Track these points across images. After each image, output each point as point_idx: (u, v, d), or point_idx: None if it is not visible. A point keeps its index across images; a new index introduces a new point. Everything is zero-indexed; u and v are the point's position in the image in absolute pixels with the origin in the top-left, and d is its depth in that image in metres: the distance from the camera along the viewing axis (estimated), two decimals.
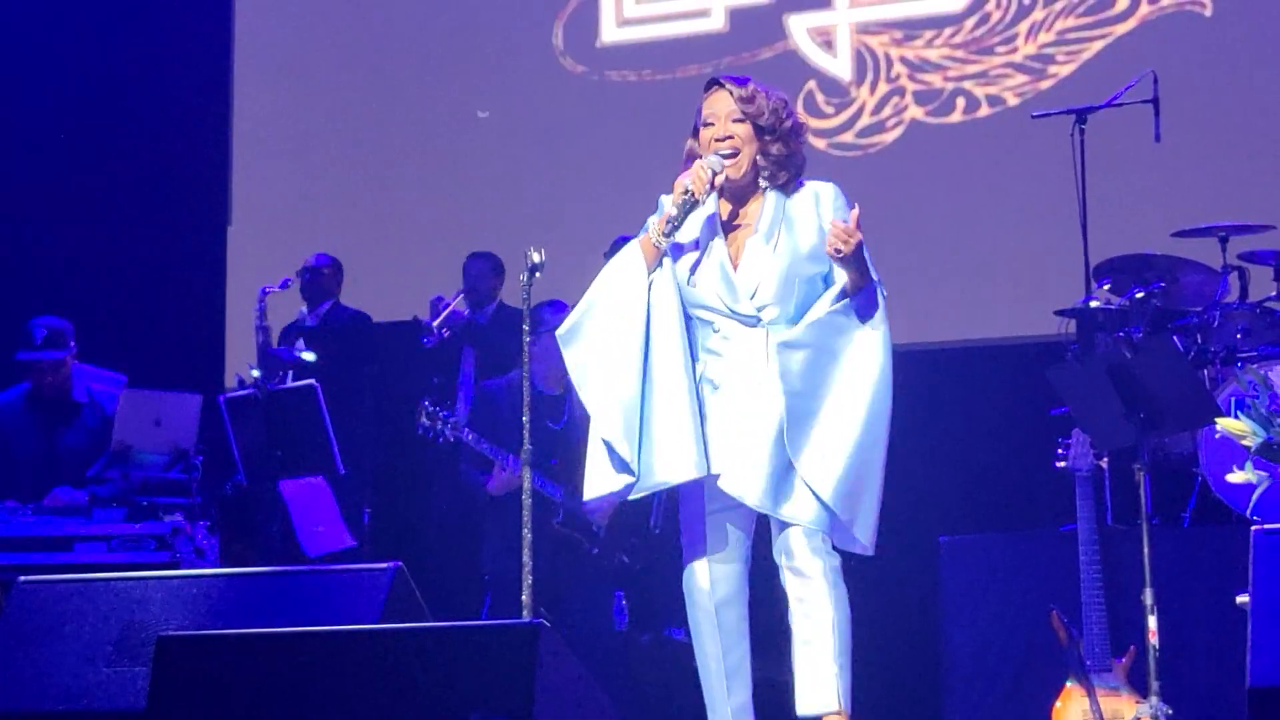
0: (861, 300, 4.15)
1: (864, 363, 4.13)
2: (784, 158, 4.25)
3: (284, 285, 8.07)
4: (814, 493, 4.06)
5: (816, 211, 4.22)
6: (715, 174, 4.18)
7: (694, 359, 4.22)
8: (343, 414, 7.01)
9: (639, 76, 8.67)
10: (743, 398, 4.14)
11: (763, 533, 4.29)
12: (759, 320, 4.18)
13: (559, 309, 6.71)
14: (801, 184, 4.29)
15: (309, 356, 7.57)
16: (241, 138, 9.43)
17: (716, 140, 4.23)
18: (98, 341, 7.84)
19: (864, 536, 4.14)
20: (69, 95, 9.56)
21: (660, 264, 4.20)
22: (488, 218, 8.72)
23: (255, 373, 7.25)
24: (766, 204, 4.24)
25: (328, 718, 3.46)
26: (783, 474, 4.08)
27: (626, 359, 4.13)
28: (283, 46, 9.45)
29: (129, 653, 4.20)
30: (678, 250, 4.23)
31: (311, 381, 6.94)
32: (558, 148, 8.70)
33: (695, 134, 4.31)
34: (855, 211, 4.13)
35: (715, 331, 4.20)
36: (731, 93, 4.25)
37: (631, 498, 4.19)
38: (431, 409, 6.49)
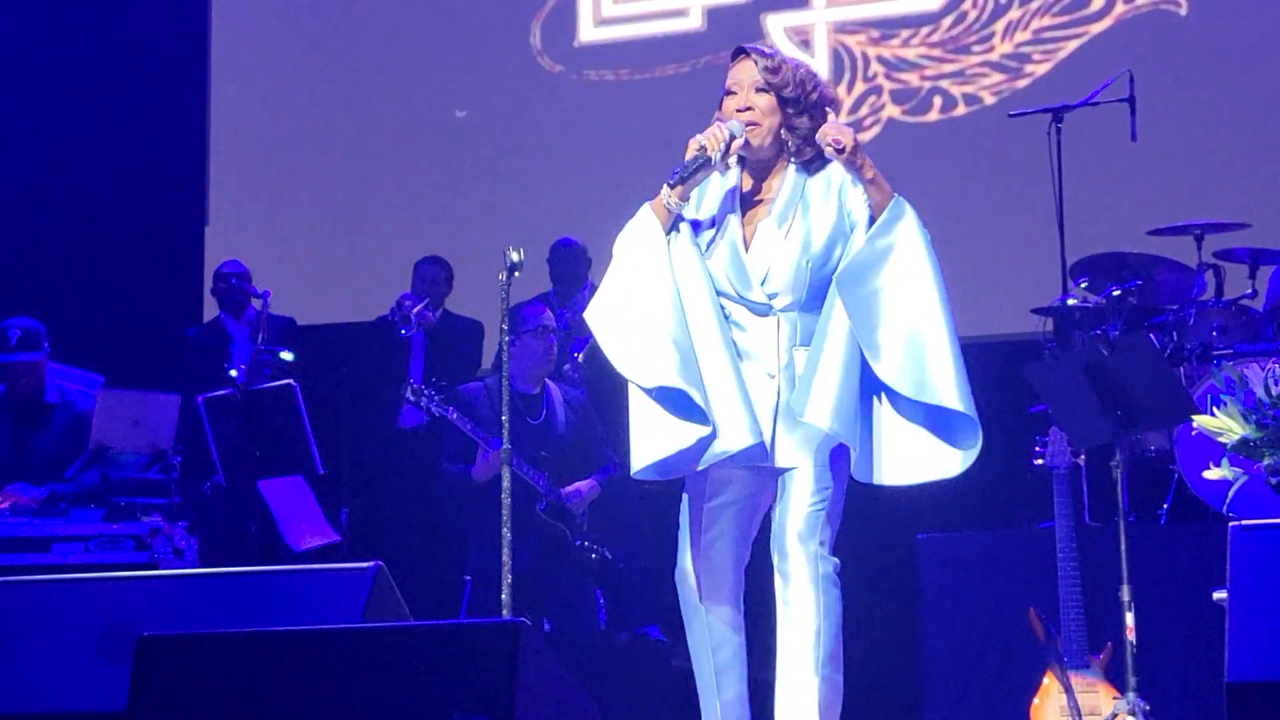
0: (891, 216, 4.03)
1: (916, 273, 4.04)
2: (810, 131, 4.06)
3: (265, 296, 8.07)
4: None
5: (835, 193, 4.08)
6: (734, 138, 4.02)
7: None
8: (322, 414, 7.00)
9: (617, 76, 8.67)
10: (751, 389, 4.00)
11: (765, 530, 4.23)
12: (770, 308, 4.06)
13: (536, 310, 6.72)
14: (826, 163, 4.10)
15: (287, 356, 7.56)
16: (218, 138, 9.41)
17: (738, 111, 4.07)
18: (75, 342, 7.82)
19: (969, 408, 4.02)
20: (44, 96, 9.53)
21: (677, 228, 4.05)
22: (466, 217, 8.72)
23: (233, 372, 7.24)
24: (785, 183, 4.10)
25: (309, 718, 3.45)
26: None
27: (667, 311, 3.95)
28: (260, 46, 9.44)
29: (109, 653, 4.18)
30: (697, 227, 4.09)
31: (289, 381, 6.93)
32: (536, 147, 8.71)
33: (720, 104, 4.14)
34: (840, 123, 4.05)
35: (727, 318, 4.06)
36: (756, 62, 4.09)
37: (699, 469, 3.98)
38: (416, 387, 6.50)
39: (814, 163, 4.11)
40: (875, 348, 3.97)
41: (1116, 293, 6.39)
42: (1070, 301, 6.47)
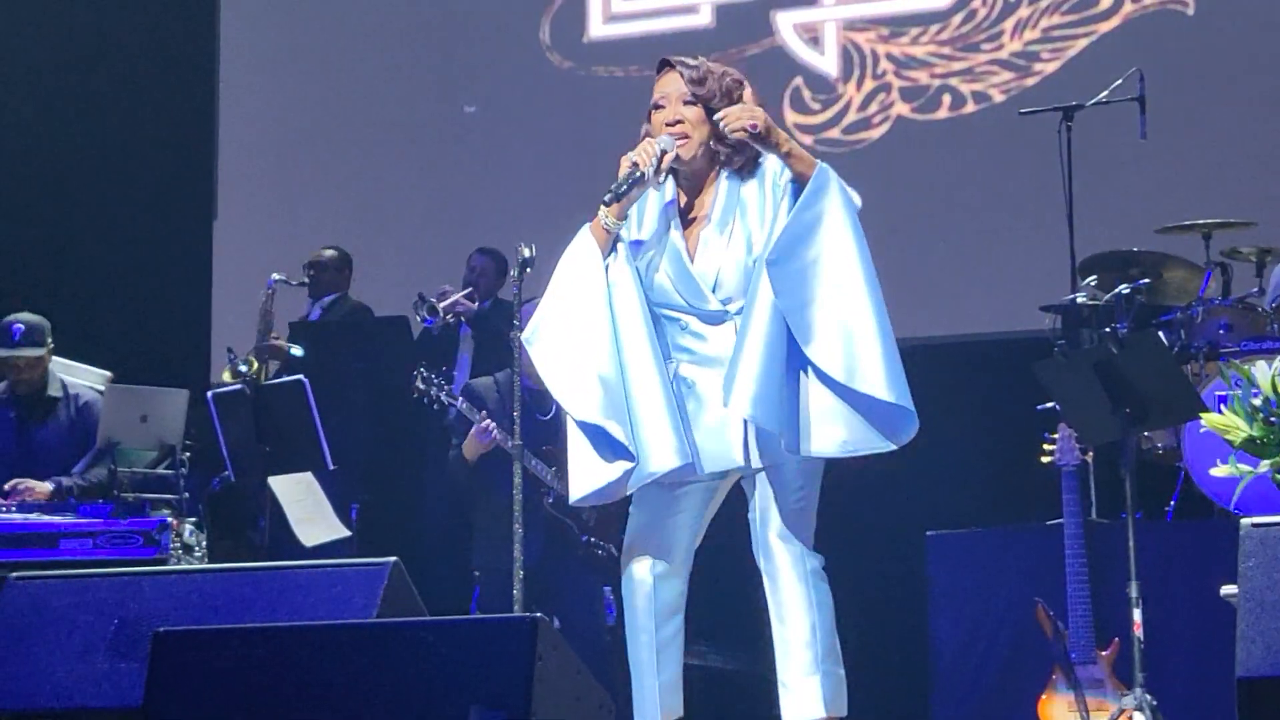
0: (815, 187, 3.96)
1: (841, 249, 3.95)
2: (739, 141, 4.03)
3: (270, 285, 8.09)
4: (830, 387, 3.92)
5: (769, 191, 4.06)
6: (665, 152, 4.01)
7: (665, 356, 4.07)
8: (333, 409, 7.01)
9: (626, 72, 8.68)
10: (717, 396, 4.00)
11: (731, 527, 4.24)
12: (726, 314, 4.05)
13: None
14: (759, 164, 4.09)
15: (297, 351, 7.57)
16: (227, 132, 9.43)
17: (667, 125, 4.06)
18: (83, 337, 7.84)
19: (904, 399, 3.95)
20: (53, 91, 9.55)
21: (614, 250, 4.04)
22: (475, 213, 8.73)
23: (242, 366, 7.25)
24: (719, 190, 4.08)
25: (326, 713, 3.47)
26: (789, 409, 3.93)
27: (597, 344, 3.97)
28: (268, 41, 9.45)
29: (125, 649, 4.19)
30: (637, 246, 4.08)
31: (300, 377, 6.93)
32: (545, 143, 8.72)
33: (649, 116, 4.14)
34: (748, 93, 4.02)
35: (684, 329, 4.07)
36: (682, 74, 4.07)
37: (627, 493, 4.02)
38: (426, 374, 6.50)
39: (745, 169, 4.10)
40: (805, 329, 3.92)
41: (1125, 290, 6.40)
42: (1079, 299, 6.48)
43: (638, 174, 3.99)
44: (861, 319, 3.95)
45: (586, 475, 4.00)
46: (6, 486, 6.80)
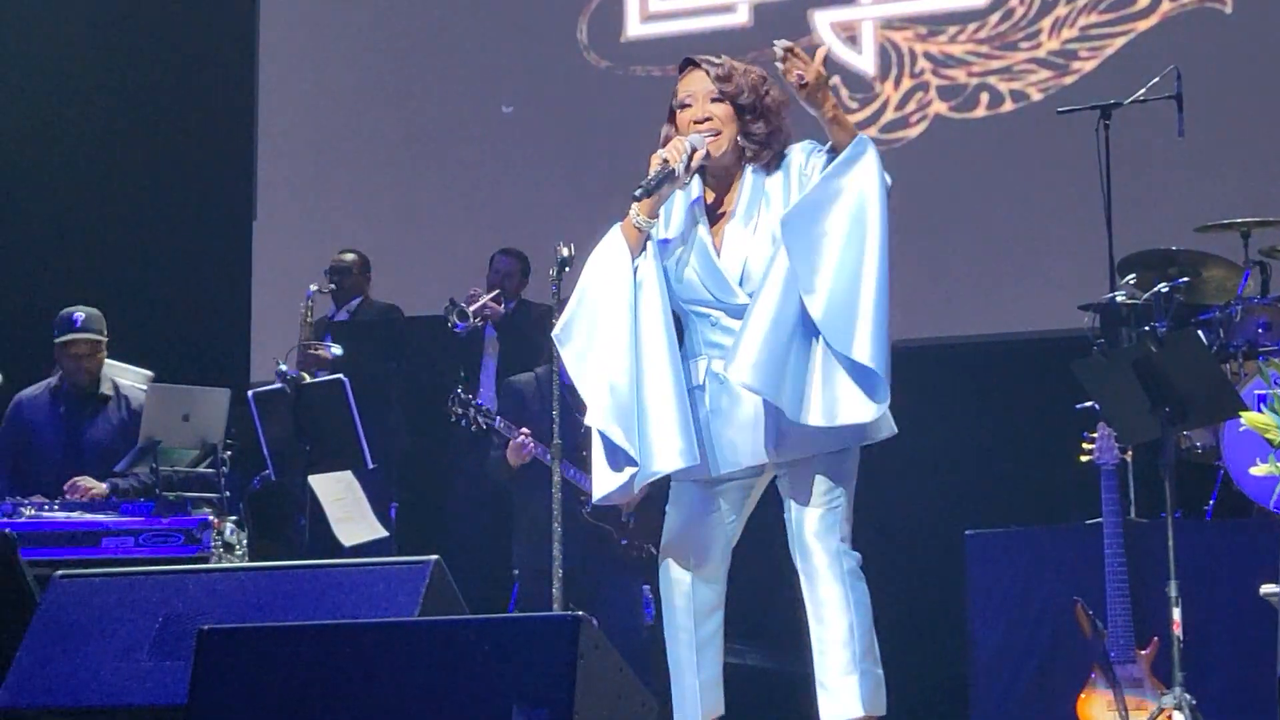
0: (851, 154, 3.96)
1: (865, 219, 3.95)
2: (767, 135, 4.08)
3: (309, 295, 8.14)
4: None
5: (795, 181, 4.08)
6: (695, 150, 4.03)
7: (696, 353, 4.10)
8: (369, 409, 7.04)
9: (663, 71, 8.68)
10: (748, 391, 4.00)
11: (768, 526, 4.25)
12: None
13: None
14: (785, 160, 4.11)
15: (336, 350, 7.61)
16: (266, 133, 9.47)
17: (695, 122, 4.07)
18: (125, 337, 7.88)
19: (879, 365, 3.91)
20: (95, 92, 9.62)
21: (644, 249, 4.06)
22: (513, 213, 8.76)
23: (283, 365, 7.28)
24: (744, 184, 4.10)
25: (369, 710, 3.48)
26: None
27: (615, 348, 4.00)
28: (307, 42, 9.50)
29: (169, 647, 4.21)
30: (666, 245, 4.09)
31: (340, 376, 6.96)
32: (582, 142, 8.74)
33: (671, 118, 4.15)
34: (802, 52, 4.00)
35: (714, 325, 4.08)
36: (708, 72, 4.09)
37: (636, 490, 4.05)
38: (463, 397, 6.54)
39: (771, 164, 4.11)
40: (811, 288, 3.92)
41: (1164, 289, 6.38)
42: (1118, 298, 6.46)
43: (668, 170, 4.00)
44: (865, 285, 3.93)
45: (603, 476, 4.06)
46: (66, 487, 6.85)
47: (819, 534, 4.02)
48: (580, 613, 3.35)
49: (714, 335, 4.09)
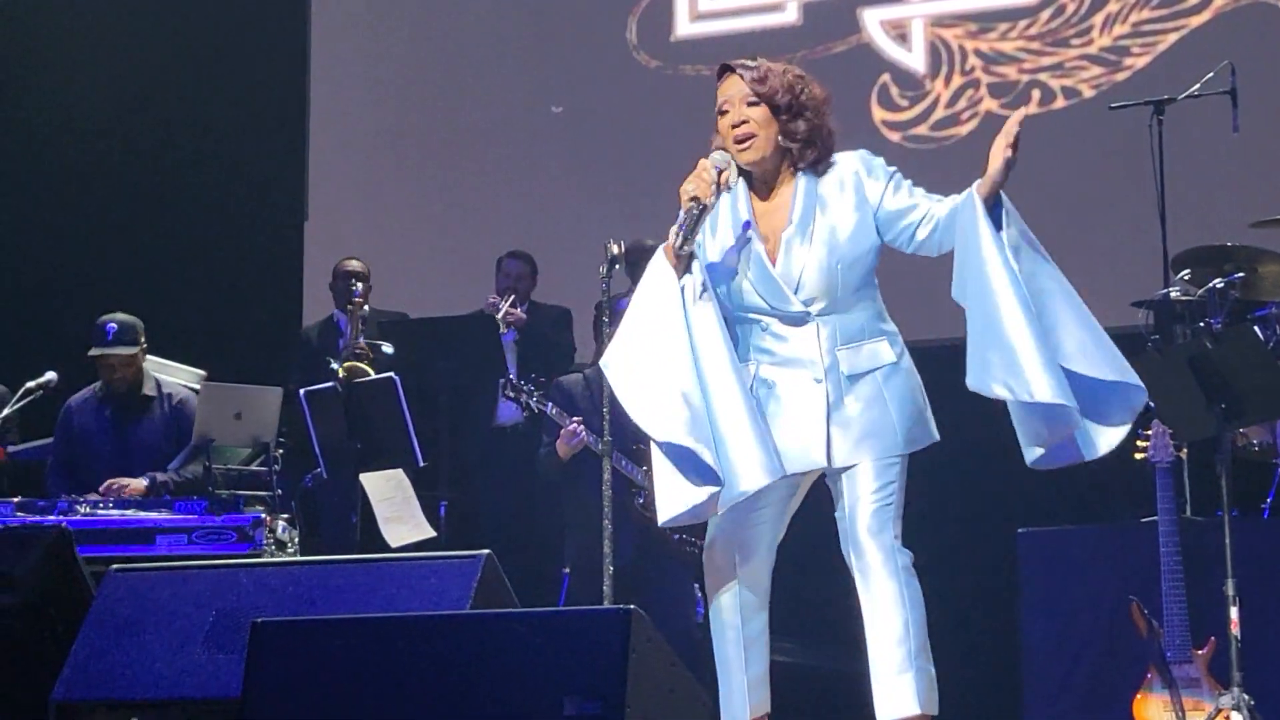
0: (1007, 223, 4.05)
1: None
2: (808, 134, 4.06)
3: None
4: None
5: (856, 183, 4.08)
6: (721, 171, 4.02)
7: (745, 359, 4.09)
8: (419, 407, 7.06)
9: (712, 71, 8.64)
10: (798, 396, 4.02)
11: (818, 524, 4.24)
12: (809, 315, 4.05)
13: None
14: (833, 162, 4.11)
15: (387, 349, 7.62)
16: (317, 134, 9.51)
17: (733, 127, 4.06)
18: (178, 337, 7.93)
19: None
20: (147, 94, 9.68)
21: (690, 269, 4.02)
22: (562, 212, 8.76)
23: (334, 365, 7.31)
24: (798, 191, 4.08)
25: (422, 703, 3.49)
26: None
27: (678, 364, 3.95)
28: (358, 43, 9.53)
29: (222, 640, 4.24)
30: (714, 252, 4.08)
31: (390, 374, 6.99)
32: (632, 142, 8.74)
33: (716, 125, 4.13)
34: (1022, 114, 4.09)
35: (765, 330, 4.07)
36: (743, 76, 4.07)
37: (719, 512, 3.98)
38: (515, 383, 6.55)
39: (819, 164, 4.11)
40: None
41: (1219, 285, 6.32)
42: (1172, 294, 6.42)
43: (701, 206, 3.98)
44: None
45: (674, 497, 3.98)
46: (101, 489, 6.90)
47: (873, 531, 4.02)
48: (632, 606, 3.35)
49: (763, 341, 4.09)
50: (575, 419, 6.46)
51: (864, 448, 4.03)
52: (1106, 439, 4.05)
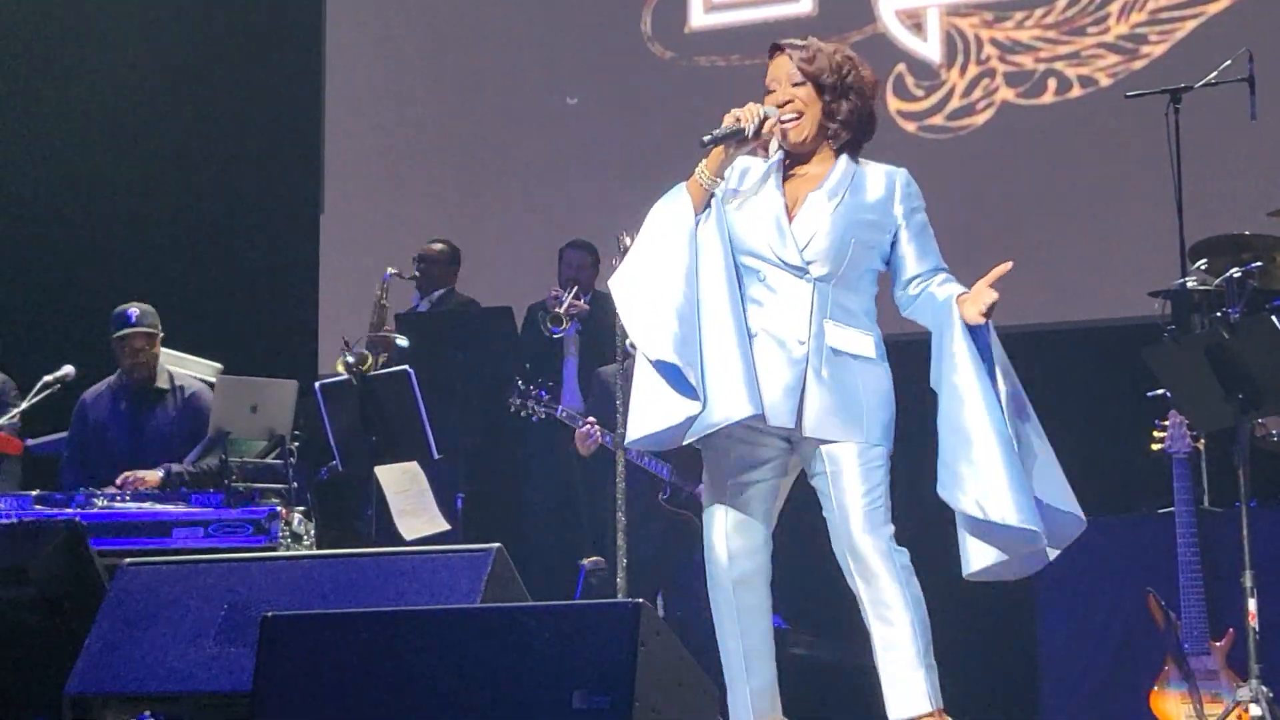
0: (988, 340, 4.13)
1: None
2: (850, 115, 4.11)
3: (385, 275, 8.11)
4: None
5: (890, 190, 4.13)
6: (768, 118, 4.04)
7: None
8: (437, 400, 7.06)
9: (727, 61, 8.67)
10: (778, 353, 4.02)
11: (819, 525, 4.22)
12: (806, 272, 4.06)
13: None
14: (877, 164, 4.16)
15: (402, 342, 7.62)
16: (333, 126, 9.51)
17: (780, 106, 4.10)
18: (194, 330, 7.94)
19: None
20: (163, 86, 9.68)
21: (709, 207, 4.06)
22: (576, 203, 8.75)
23: (350, 357, 7.30)
24: (839, 165, 4.14)
25: (431, 696, 3.49)
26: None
27: (677, 290, 3.98)
28: (373, 34, 9.53)
29: (234, 634, 4.25)
30: (733, 195, 4.11)
31: (405, 367, 6.98)
32: (647, 133, 8.71)
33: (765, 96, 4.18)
34: (1008, 267, 4.14)
35: (761, 280, 4.08)
36: (791, 55, 4.13)
37: (685, 442, 3.98)
38: (524, 387, 6.54)
39: (857, 147, 4.16)
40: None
41: (1236, 274, 6.27)
42: (1189, 284, 6.37)
43: (739, 127, 4.01)
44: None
45: (648, 417, 3.98)
46: (118, 481, 6.92)
47: (868, 533, 4.02)
48: (641, 600, 3.34)
49: (757, 291, 4.09)
50: (589, 420, 6.45)
51: (830, 425, 4.02)
52: (1042, 558, 4.18)
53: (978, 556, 4.03)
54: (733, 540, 4.08)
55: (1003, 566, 4.08)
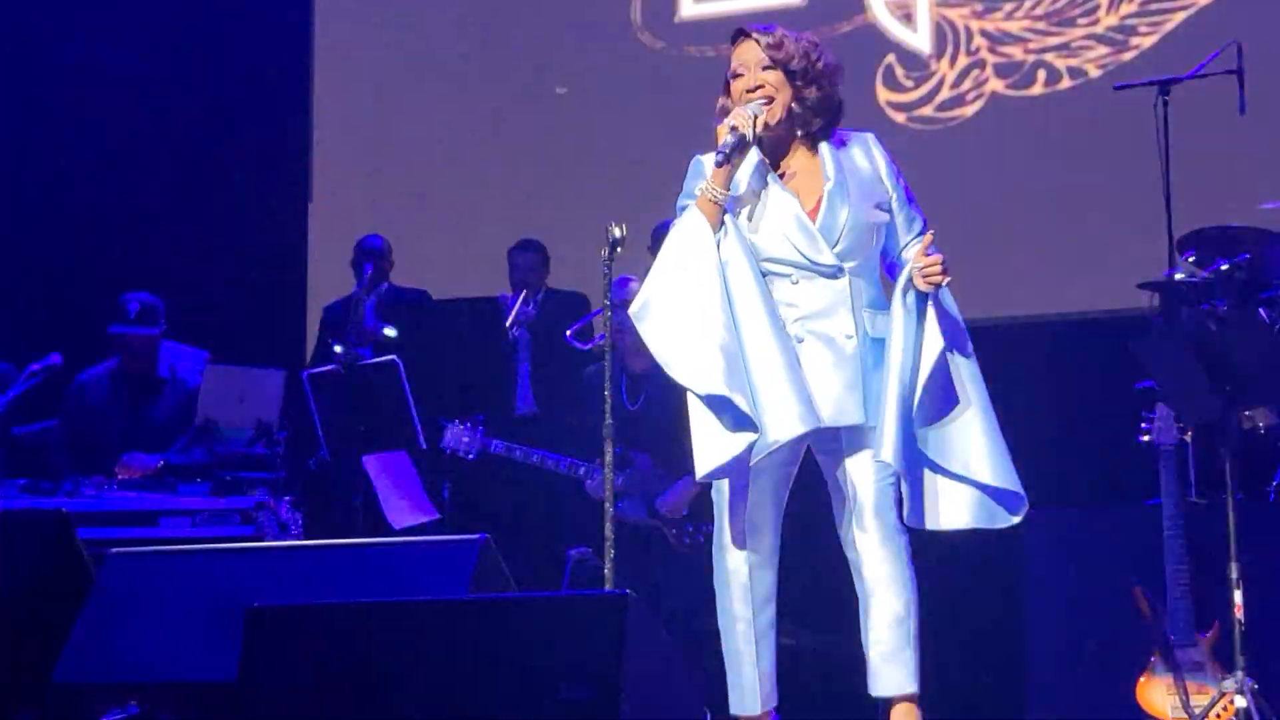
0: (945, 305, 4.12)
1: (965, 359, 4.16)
2: (819, 102, 4.13)
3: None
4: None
5: (873, 162, 4.17)
6: (756, 117, 4.05)
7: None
8: (424, 390, 7.05)
9: (717, 52, 8.61)
10: (830, 351, 4.06)
11: (818, 507, 4.22)
12: (842, 270, 4.08)
13: (624, 281, 6.72)
14: (843, 134, 4.19)
15: (390, 332, 7.61)
16: (322, 115, 9.49)
17: (748, 91, 4.11)
18: (182, 318, 7.92)
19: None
20: (150, 73, 9.65)
21: (724, 225, 4.05)
22: (566, 194, 8.74)
23: (338, 348, 7.30)
24: (825, 155, 4.15)
25: (416, 688, 3.49)
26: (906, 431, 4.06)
27: (713, 315, 3.96)
28: (362, 23, 9.51)
29: (219, 624, 4.24)
30: (734, 205, 4.10)
31: (393, 357, 6.98)
32: (636, 123, 8.71)
33: (725, 90, 4.19)
34: (929, 237, 4.10)
35: (792, 285, 4.09)
36: (759, 41, 4.14)
37: (752, 462, 4.00)
38: (456, 428, 6.61)
39: (827, 132, 4.17)
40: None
41: (1225, 267, 6.29)
42: (1177, 276, 6.38)
43: (741, 135, 4.02)
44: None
45: (713, 449, 3.97)
46: (117, 467, 6.91)
47: (878, 512, 4.07)
48: (628, 591, 3.34)
49: (791, 296, 4.10)
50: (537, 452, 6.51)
51: (876, 412, 4.06)
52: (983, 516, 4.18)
53: (950, 515, 4.10)
54: (750, 524, 4.10)
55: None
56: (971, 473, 4.05)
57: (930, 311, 4.04)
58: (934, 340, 4.02)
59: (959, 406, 4.07)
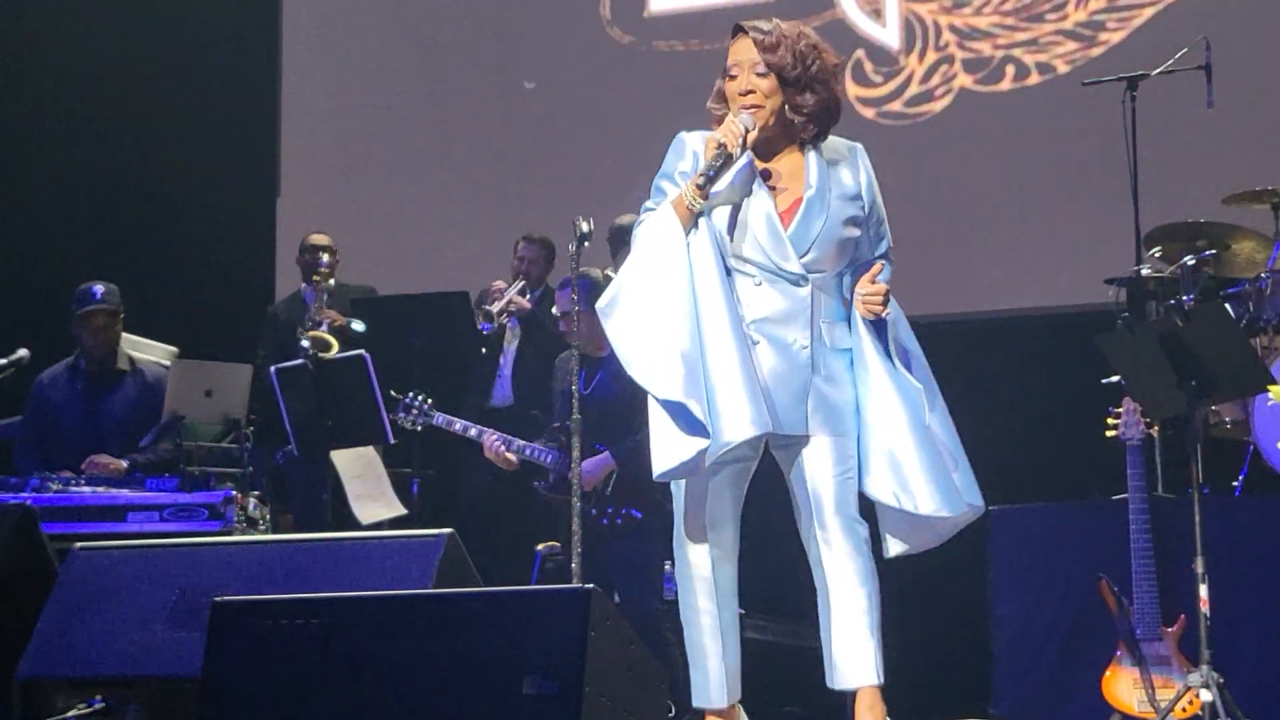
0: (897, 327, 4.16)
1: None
2: (812, 107, 4.07)
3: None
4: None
5: (857, 175, 4.13)
6: (747, 130, 4.01)
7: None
8: (393, 384, 7.04)
9: (687, 46, 8.66)
10: (783, 359, 4.05)
11: (784, 502, 4.24)
12: (806, 278, 4.06)
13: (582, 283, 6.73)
14: (835, 140, 4.15)
15: (358, 326, 7.59)
16: (290, 110, 9.47)
17: (740, 95, 4.07)
18: (149, 313, 7.90)
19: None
20: (118, 69, 9.62)
21: (696, 225, 4.02)
22: (534, 189, 8.73)
23: (305, 342, 7.28)
24: (810, 162, 4.11)
25: (381, 682, 3.48)
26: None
27: (678, 319, 3.95)
28: (330, 18, 9.49)
29: (184, 618, 4.23)
30: (711, 195, 4.04)
31: (361, 352, 6.97)
32: (605, 118, 8.70)
33: (723, 77, 4.14)
34: (879, 266, 4.12)
35: (755, 285, 4.07)
36: (756, 40, 4.07)
37: (709, 461, 3.97)
38: (408, 400, 6.60)
39: (821, 137, 4.13)
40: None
41: (1191, 262, 6.31)
42: (1144, 271, 6.41)
43: (726, 154, 3.99)
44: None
45: (668, 452, 3.98)
46: (84, 465, 6.88)
47: (838, 507, 4.06)
48: (591, 585, 3.34)
49: (755, 297, 4.08)
50: (490, 433, 6.50)
51: (832, 422, 4.07)
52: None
53: (893, 544, 4.15)
54: (710, 518, 4.10)
55: (918, 542, 4.19)
56: (900, 504, 4.06)
57: (883, 369, 4.08)
58: (888, 406, 4.09)
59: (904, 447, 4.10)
